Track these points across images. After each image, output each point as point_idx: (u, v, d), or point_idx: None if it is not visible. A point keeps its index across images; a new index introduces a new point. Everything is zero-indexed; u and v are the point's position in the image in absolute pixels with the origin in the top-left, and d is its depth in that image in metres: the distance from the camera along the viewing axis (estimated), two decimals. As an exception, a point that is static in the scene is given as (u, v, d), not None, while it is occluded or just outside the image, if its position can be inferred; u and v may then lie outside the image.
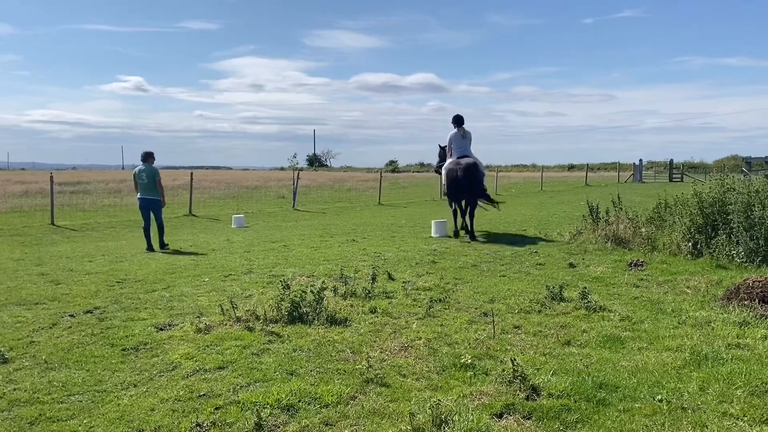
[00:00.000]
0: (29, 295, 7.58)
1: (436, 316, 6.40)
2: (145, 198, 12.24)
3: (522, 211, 19.89)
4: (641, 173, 47.23)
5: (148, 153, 12.43)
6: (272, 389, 4.44)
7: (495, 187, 33.66)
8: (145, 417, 4.06)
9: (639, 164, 47.83)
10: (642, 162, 48.69)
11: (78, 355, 5.26)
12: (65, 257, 11.00)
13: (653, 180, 47.17)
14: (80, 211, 22.30)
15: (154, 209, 12.28)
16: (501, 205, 14.08)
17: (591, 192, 29.31)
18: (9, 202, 24.65)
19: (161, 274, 8.91)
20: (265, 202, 27.36)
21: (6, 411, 4.17)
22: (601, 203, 12.38)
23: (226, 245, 12.28)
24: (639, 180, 45.84)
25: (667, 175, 48.38)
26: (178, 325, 6.14)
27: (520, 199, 27.66)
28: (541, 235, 12.73)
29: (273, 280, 8.18)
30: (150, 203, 12.25)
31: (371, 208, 23.84)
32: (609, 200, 12.91)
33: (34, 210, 21.96)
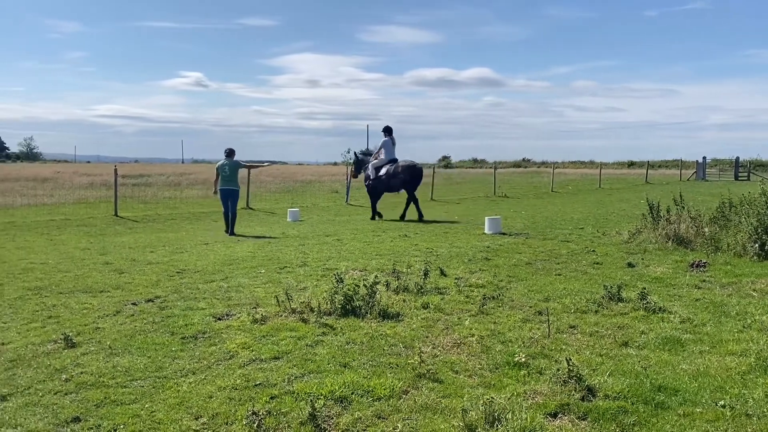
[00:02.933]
0: (95, 283, 7.90)
1: (490, 314, 6.35)
2: (227, 189, 13.59)
3: (579, 209, 19.50)
4: (705, 171, 45.52)
5: (231, 149, 13.96)
6: (326, 381, 4.51)
7: (551, 183, 33.11)
8: (203, 404, 4.18)
9: (702, 162, 46.11)
10: (705, 159, 46.95)
11: (140, 342, 5.46)
12: (128, 247, 11.41)
13: (717, 178, 45.37)
14: (142, 203, 23.06)
15: (234, 199, 13.65)
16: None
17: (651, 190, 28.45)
18: (75, 194, 25.70)
19: (219, 265, 9.14)
20: (319, 196, 27.66)
21: (74, 393, 4.36)
22: (662, 201, 12.00)
23: (282, 238, 12.49)
24: (702, 178, 44.20)
25: (733, 173, 46.46)
26: (235, 315, 6.29)
27: (577, 197, 27.12)
28: (599, 233, 12.46)
29: (327, 274, 8.28)
30: (231, 193, 13.59)
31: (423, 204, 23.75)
32: (670, 198, 12.51)
33: (99, 201, 22.83)
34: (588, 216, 16.72)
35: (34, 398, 4.27)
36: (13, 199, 22.61)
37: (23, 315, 6.35)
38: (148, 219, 17.78)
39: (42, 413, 4.04)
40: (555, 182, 33.58)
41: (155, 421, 3.93)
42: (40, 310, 6.53)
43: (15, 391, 4.38)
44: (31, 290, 7.48)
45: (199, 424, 3.90)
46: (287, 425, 3.86)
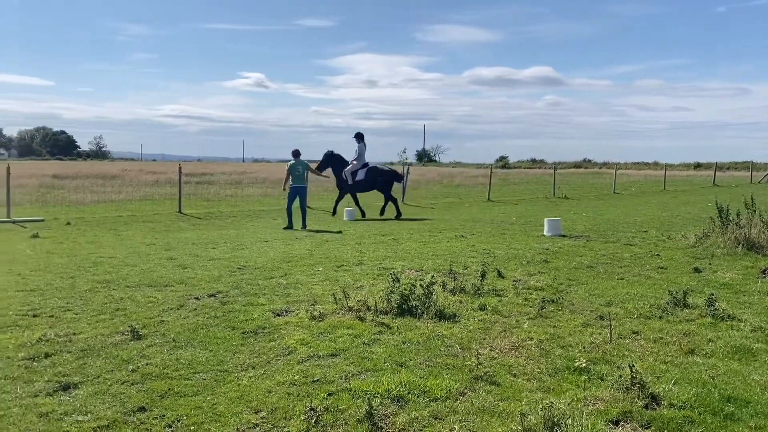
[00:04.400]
0: (159, 278, 8.16)
1: (549, 317, 6.23)
2: (299, 186, 14.98)
3: (642, 212, 18.93)
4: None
5: (298, 150, 15.33)
6: (383, 379, 4.52)
7: (613, 185, 32.27)
8: (262, 398, 4.26)
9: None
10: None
11: (202, 336, 5.61)
12: (191, 243, 11.75)
13: (792, 181, 43.18)
14: (205, 200, 23.71)
15: (303, 195, 15.11)
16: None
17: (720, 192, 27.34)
18: (141, 191, 26.64)
19: (278, 262, 9.31)
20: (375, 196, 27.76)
21: (140, 383, 4.52)
22: (732, 204, 11.51)
23: (339, 237, 12.60)
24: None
25: (809, 175, 44.14)
26: (293, 312, 6.39)
27: (640, 199, 26.34)
28: (663, 237, 12.06)
29: (383, 273, 8.31)
30: (301, 190, 15.05)
31: (480, 205, 23.58)
32: (740, 201, 11.99)
33: (164, 199, 23.60)
34: (652, 219, 16.20)
35: (102, 387, 4.44)
36: (84, 196, 23.62)
37: (93, 307, 6.62)
38: (211, 216, 18.26)
39: (110, 402, 4.20)
40: (617, 183, 32.71)
41: (216, 413, 4.03)
42: (108, 303, 6.79)
43: (85, 380, 4.57)
44: (101, 283, 7.79)
45: (259, 418, 3.97)
46: (344, 422, 3.89)
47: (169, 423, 3.89)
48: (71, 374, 4.66)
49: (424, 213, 19.98)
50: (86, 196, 23.54)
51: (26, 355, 5.03)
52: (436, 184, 35.86)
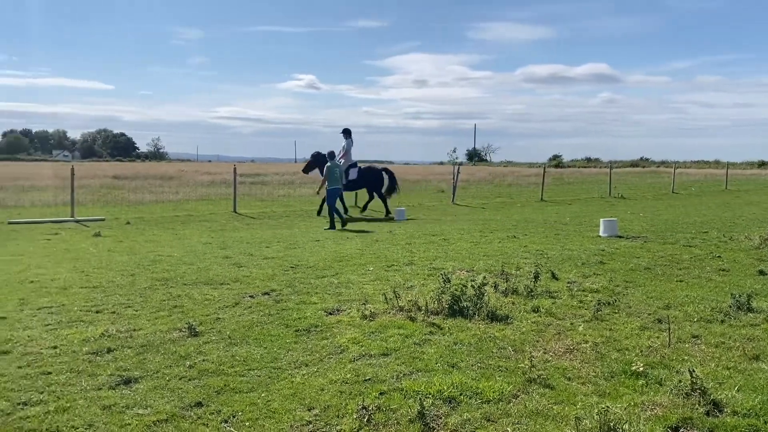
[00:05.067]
0: (215, 276, 8.35)
1: (605, 320, 6.09)
2: (339, 188, 15.36)
3: (703, 212, 18.30)
4: None
5: (333, 152, 15.68)
6: (434, 380, 4.51)
7: (672, 184, 31.30)
8: (315, 396, 4.31)
9: None
10: None
11: (257, 333, 5.71)
12: (246, 242, 11.98)
13: None
14: (258, 200, 24.13)
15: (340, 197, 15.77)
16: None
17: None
18: (198, 191, 27.31)
19: (330, 261, 9.40)
20: (425, 195, 27.73)
21: (197, 379, 4.64)
22: (800, 205, 10.99)
23: (389, 237, 12.63)
24: None
25: None
26: (345, 311, 6.44)
27: (700, 199, 25.47)
28: (725, 238, 11.62)
29: (433, 273, 8.29)
30: (341, 192, 15.60)
31: (533, 205, 23.24)
32: (810, 202, 11.45)
33: (219, 198, 24.12)
34: (713, 219, 15.64)
35: (161, 382, 4.58)
36: (143, 196, 24.38)
37: (152, 304, 6.83)
38: (264, 216, 18.57)
39: (169, 396, 4.32)
40: (676, 183, 31.71)
41: (271, 410, 4.10)
42: (166, 300, 6.99)
43: (145, 375, 4.72)
44: (159, 281, 8.03)
45: (312, 415, 4.02)
46: (396, 422, 3.90)
47: (225, 418, 3.98)
48: (132, 369, 4.82)
49: (475, 213, 19.82)
50: (145, 196, 24.28)
51: (90, 350, 5.23)
52: (487, 184, 35.52)
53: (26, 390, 4.40)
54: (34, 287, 7.64)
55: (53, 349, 5.25)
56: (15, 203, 21.06)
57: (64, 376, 4.65)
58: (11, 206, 20.30)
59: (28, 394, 4.33)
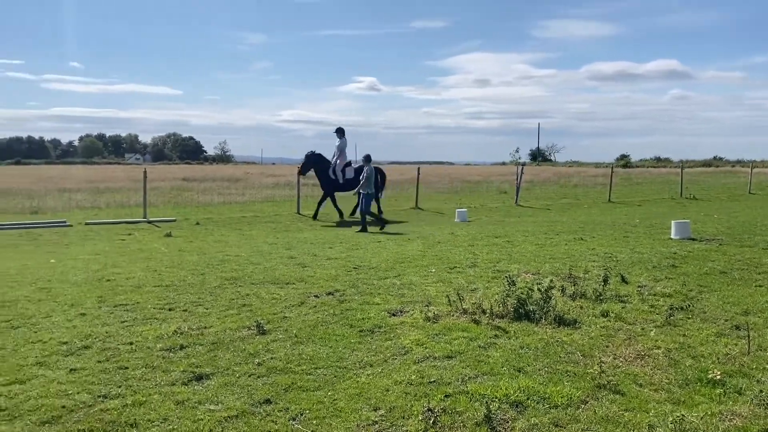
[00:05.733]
0: (281, 276, 8.52)
1: (678, 326, 5.87)
2: (372, 192, 15.22)
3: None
4: None
5: (370, 155, 15.59)
6: (500, 384, 4.46)
7: (749, 184, 29.88)
8: (380, 396, 4.33)
9: None
10: None
11: (322, 333, 5.79)
12: (309, 243, 12.17)
13: None
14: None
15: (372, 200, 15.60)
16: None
17: None
18: (263, 193, 27.92)
19: (392, 262, 9.43)
20: (487, 196, 27.45)
21: (265, 377, 4.74)
22: None
23: (450, 238, 12.57)
24: None
25: None
26: (408, 312, 6.44)
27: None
28: (808, 241, 10.99)
29: (497, 276, 8.19)
30: (373, 196, 15.39)
31: (600, 206, 22.65)
32: None
33: (283, 200, 24.60)
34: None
35: (231, 379, 4.71)
36: (211, 198, 25.12)
37: (221, 302, 7.02)
38: (327, 217, 18.81)
39: (239, 393, 4.44)
40: (753, 183, 30.24)
41: (337, 409, 4.15)
42: (235, 299, 7.18)
43: (216, 371, 4.86)
44: (228, 280, 8.25)
45: (378, 415, 4.04)
46: (462, 425, 3.88)
47: (293, 416, 4.06)
48: (203, 365, 4.97)
49: (539, 214, 19.47)
50: (213, 198, 25.02)
51: (164, 346, 5.42)
52: (552, 185, 34.85)
53: (105, 383, 4.60)
54: (110, 285, 7.99)
55: (129, 345, 5.47)
56: (92, 204, 22.08)
57: (139, 371, 4.84)
58: (88, 207, 21.31)
59: (108, 387, 4.53)
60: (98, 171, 54.85)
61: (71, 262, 9.94)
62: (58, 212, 19.83)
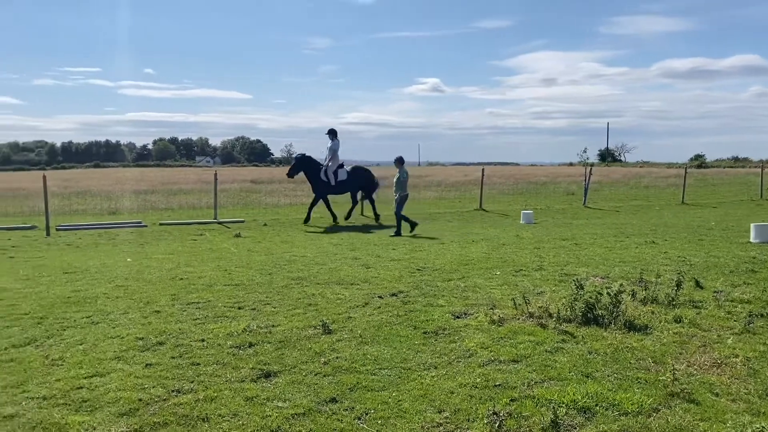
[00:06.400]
0: (346, 276, 8.62)
1: (758, 333, 5.60)
2: (407, 194, 14.66)
3: None
4: None
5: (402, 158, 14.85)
6: (568, 389, 4.37)
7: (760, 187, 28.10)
8: (445, 398, 4.33)
9: None
10: None
11: (386, 333, 5.83)
12: (373, 244, 12.26)
13: None
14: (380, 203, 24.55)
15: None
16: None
17: None
18: (328, 194, 28.25)
19: (456, 264, 9.38)
20: (554, 198, 26.90)
21: (331, 376, 4.82)
22: None
23: (516, 241, 12.40)
24: None
25: None
26: (472, 315, 6.41)
27: None
28: None
29: (565, 279, 8.03)
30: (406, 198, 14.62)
31: (673, 208, 21.82)
32: None
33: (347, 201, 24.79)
34: None
35: (298, 377, 4.80)
36: (278, 199, 25.65)
37: (288, 302, 7.17)
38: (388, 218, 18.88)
39: (305, 391, 4.52)
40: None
41: (401, 409, 4.17)
42: (301, 298, 7.32)
43: (283, 369, 4.97)
44: (294, 280, 8.42)
45: (442, 417, 4.04)
46: (528, 429, 3.83)
47: (358, 415, 4.10)
48: (271, 363, 5.09)
49: (608, 216, 18.93)
50: (280, 200, 25.55)
51: (233, 344, 5.59)
52: (622, 186, 33.81)
53: (179, 379, 4.78)
54: (183, 284, 8.29)
55: (201, 342, 5.66)
56: (165, 206, 22.95)
57: (211, 368, 5.01)
58: (162, 209, 22.15)
59: (181, 382, 4.70)
60: (171, 173, 56.99)
61: (146, 261, 10.37)
62: (134, 213, 20.73)
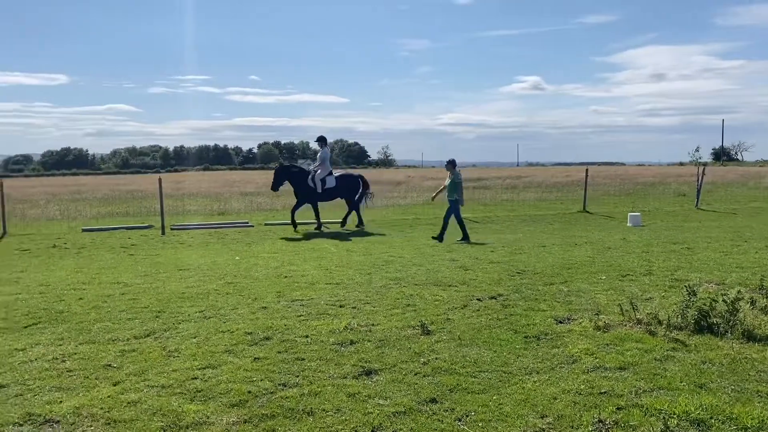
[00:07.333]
0: (443, 278, 8.62)
1: None
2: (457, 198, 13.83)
3: None
4: None
5: (455, 160, 14.27)
6: (679, 399, 4.17)
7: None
8: (547, 404, 4.24)
9: None
10: None
11: (486, 336, 5.78)
12: (470, 246, 12.17)
13: None
14: (481, 204, 24.34)
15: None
16: None
17: None
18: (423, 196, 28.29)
19: (558, 268, 9.15)
20: (663, 199, 25.58)
21: (430, 376, 4.84)
22: None
23: (622, 244, 11.91)
24: None
25: None
26: (576, 320, 6.23)
27: None
28: None
29: (675, 285, 7.64)
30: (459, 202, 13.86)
31: (797, 210, 20.17)
32: None
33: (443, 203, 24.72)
34: None
35: (398, 376, 4.86)
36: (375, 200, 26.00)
37: (387, 301, 7.27)
38: (487, 220, 18.70)
39: (405, 390, 4.57)
40: None
41: (502, 413, 4.12)
42: (400, 298, 7.39)
43: (383, 368, 5.05)
44: (393, 280, 8.51)
45: (545, 423, 3.96)
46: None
47: (458, 417, 4.10)
48: (372, 361, 5.18)
49: (724, 219, 17.78)
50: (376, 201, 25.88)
51: (335, 341, 5.74)
52: (739, 186, 31.62)
53: (285, 373, 4.97)
54: (287, 282, 8.60)
55: (305, 338, 5.85)
56: (270, 206, 23.85)
57: (314, 363, 5.17)
58: (267, 209, 23.05)
59: (287, 376, 4.89)
60: (274, 176, 59.09)
61: (253, 260, 10.84)
62: (241, 213, 21.71)
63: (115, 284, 8.75)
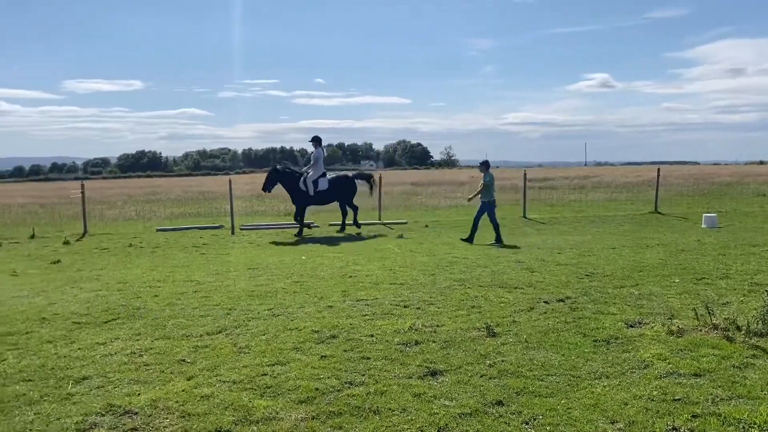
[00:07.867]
0: (509, 279, 8.52)
1: None
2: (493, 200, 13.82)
3: None
4: None
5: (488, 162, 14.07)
6: (760, 409, 3.99)
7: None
8: (618, 409, 4.14)
9: None
10: None
11: (553, 339, 5.69)
12: (537, 248, 11.98)
13: None
14: (548, 205, 23.89)
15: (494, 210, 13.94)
16: None
17: None
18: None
19: (628, 270, 8.89)
20: (741, 200, 24.43)
21: (496, 378, 4.80)
22: None
23: (697, 246, 11.45)
24: None
25: None
26: (648, 324, 6.04)
27: None
28: None
29: (755, 289, 7.30)
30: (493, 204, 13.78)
31: None
32: None
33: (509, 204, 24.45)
34: None
35: (463, 377, 4.84)
36: (438, 201, 25.93)
37: (451, 303, 7.25)
38: (554, 221, 18.33)
39: (471, 392, 4.55)
40: None
41: (571, 417, 4.05)
42: (464, 300, 7.36)
43: (449, 369, 5.04)
44: (457, 281, 8.48)
45: (615, 429, 3.87)
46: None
47: (525, 420, 4.05)
48: (437, 362, 5.19)
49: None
50: (440, 201, 25.81)
51: (400, 341, 5.77)
52: (824, 187, 29.83)
53: (350, 371, 5.04)
54: (352, 281, 8.70)
55: (370, 337, 5.91)
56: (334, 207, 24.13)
57: (380, 362, 5.21)
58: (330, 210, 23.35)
59: (352, 375, 4.95)
60: (338, 177, 59.78)
61: (319, 259, 11.01)
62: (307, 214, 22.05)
63: (187, 282, 9.07)
